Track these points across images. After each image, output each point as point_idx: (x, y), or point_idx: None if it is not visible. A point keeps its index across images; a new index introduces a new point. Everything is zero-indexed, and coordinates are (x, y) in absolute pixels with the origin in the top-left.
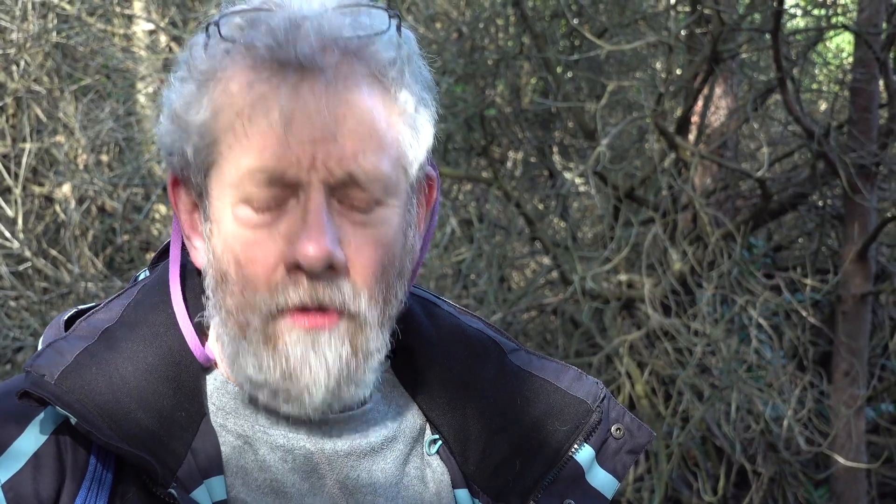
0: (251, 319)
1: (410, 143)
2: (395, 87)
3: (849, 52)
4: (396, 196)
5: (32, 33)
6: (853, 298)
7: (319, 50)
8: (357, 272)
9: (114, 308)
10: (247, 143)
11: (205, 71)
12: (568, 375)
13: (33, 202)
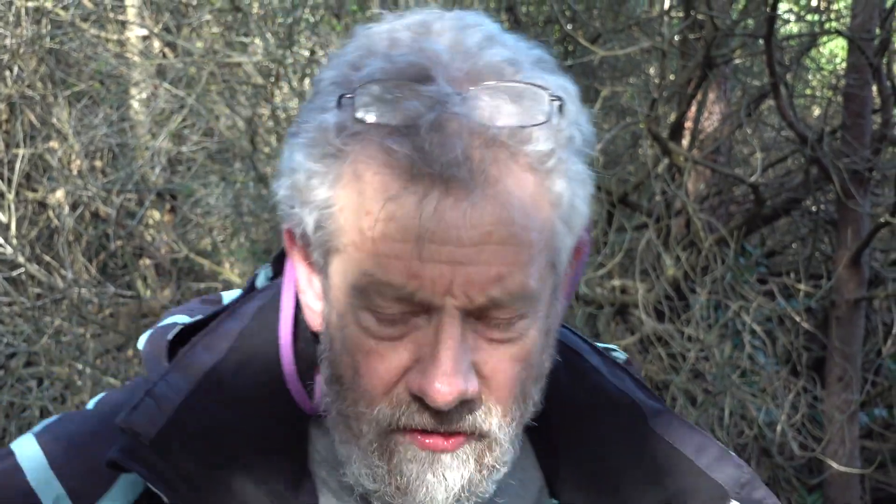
0: (365, 431)
1: (563, 236)
2: (551, 178)
3: (842, 58)
4: (541, 302)
5: (26, 39)
6: (846, 304)
7: (464, 155)
8: (492, 393)
9: (224, 334)
10: (373, 249)
11: (333, 143)
12: (710, 453)
13: (27, 207)
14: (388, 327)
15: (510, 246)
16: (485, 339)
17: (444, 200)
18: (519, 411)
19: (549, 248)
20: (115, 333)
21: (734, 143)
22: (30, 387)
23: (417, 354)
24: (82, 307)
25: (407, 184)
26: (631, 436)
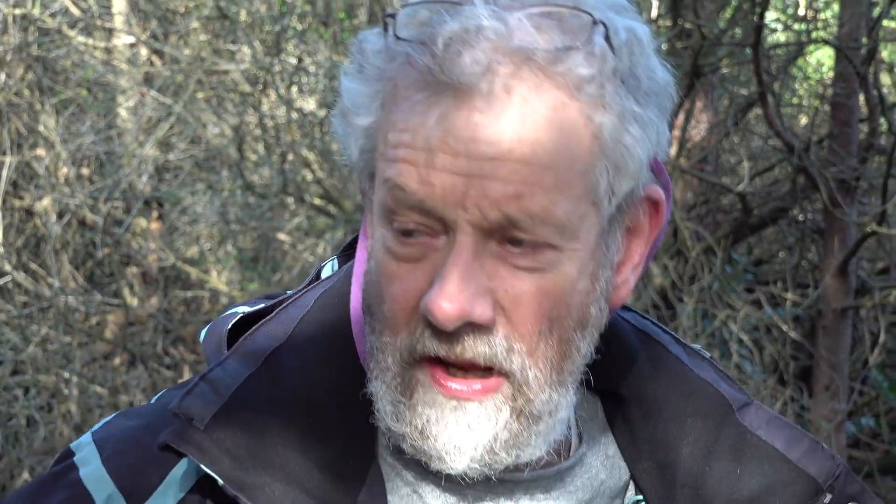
0: (390, 363)
1: (604, 173)
2: (591, 107)
3: (829, 67)
4: (578, 239)
5: (13, 46)
6: (833, 313)
7: (487, 69)
8: (513, 325)
9: (286, 320)
10: (393, 156)
11: (376, 70)
12: (801, 446)
13: (13, 215)
14: (408, 247)
15: (533, 166)
16: (507, 265)
17: (457, 111)
18: (552, 352)
19: (585, 181)
20: (102, 342)
21: (721, 151)
22: (16, 395)
23: (432, 276)
24: (69, 315)
25: (422, 92)
26: (717, 427)
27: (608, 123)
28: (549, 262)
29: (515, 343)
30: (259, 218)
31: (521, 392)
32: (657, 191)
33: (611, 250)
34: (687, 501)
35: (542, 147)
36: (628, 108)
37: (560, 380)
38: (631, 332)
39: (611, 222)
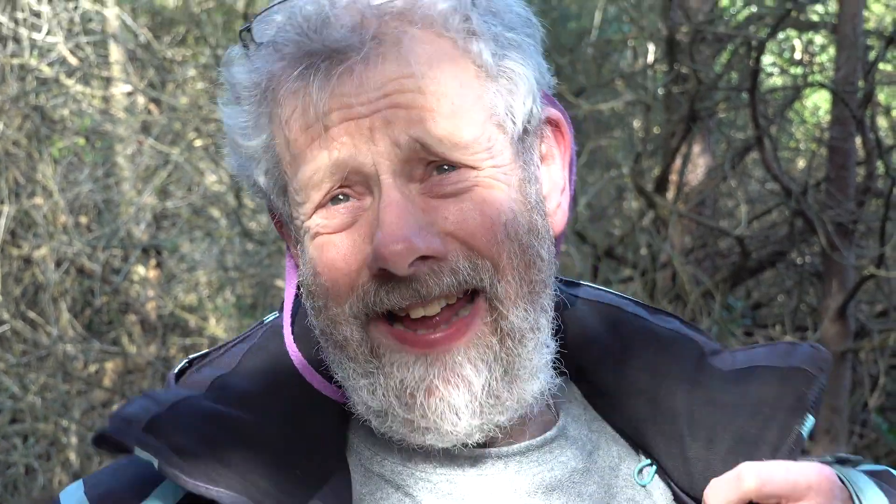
0: (346, 332)
1: (499, 95)
2: (463, 38)
3: (826, 111)
4: (494, 156)
5: (10, 96)
6: (833, 356)
7: (353, 29)
8: (469, 245)
9: (233, 353)
10: (297, 148)
11: (250, 86)
12: (778, 351)
13: (11, 264)
14: (337, 216)
15: (425, 95)
16: (436, 198)
17: (334, 70)
18: (515, 260)
19: (483, 107)
20: (100, 390)
21: (719, 195)
22: (15, 444)
23: (369, 234)
24: (68, 363)
25: (299, 68)
26: (693, 369)
27: (486, 49)
28: (475, 181)
29: (478, 260)
30: (257, 265)
31: (497, 309)
32: (555, 112)
33: (530, 168)
34: (696, 448)
35: (429, 79)
36: (500, 34)
37: (532, 291)
38: (584, 307)
39: (521, 141)
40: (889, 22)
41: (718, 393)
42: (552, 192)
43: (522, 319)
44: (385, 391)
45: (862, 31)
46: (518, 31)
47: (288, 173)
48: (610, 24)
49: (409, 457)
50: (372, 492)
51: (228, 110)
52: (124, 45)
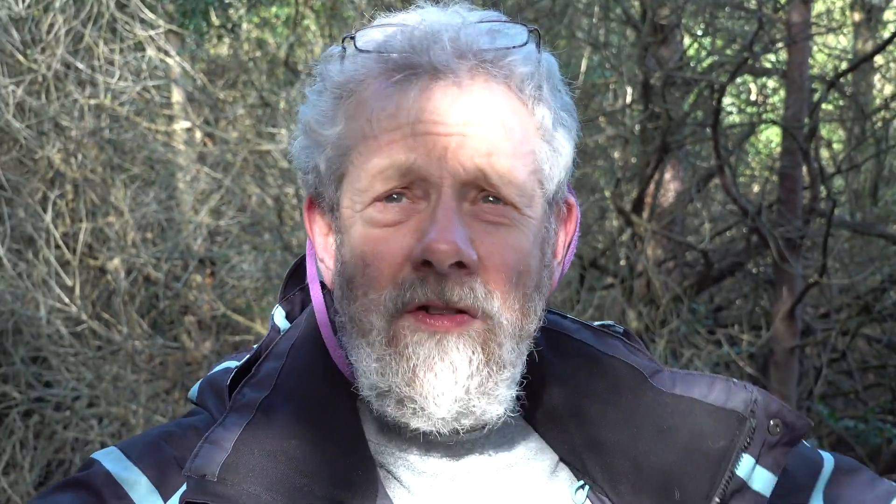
0: (374, 321)
1: (547, 158)
2: (533, 101)
3: (777, 143)
4: (531, 206)
5: (88, 131)
6: (783, 351)
7: (454, 57)
8: (490, 273)
9: (268, 373)
10: (375, 144)
11: (340, 83)
12: (716, 388)
13: (89, 273)
14: (390, 212)
15: (497, 131)
16: (480, 222)
17: (433, 85)
18: (518, 304)
19: (535, 161)
20: (163, 379)
21: (686, 215)
22: (91, 425)
23: (420, 232)
24: (136, 357)
25: (398, 76)
26: (634, 396)
27: (547, 116)
28: (513, 220)
29: (493, 290)
30: None
31: (494, 335)
32: (573, 199)
33: (550, 232)
34: (627, 468)
35: (501, 122)
36: (557, 111)
37: (521, 335)
38: (537, 332)
39: (549, 206)
40: (830, 69)
41: (657, 418)
42: (555, 257)
43: (508, 353)
44: (395, 372)
45: (808, 77)
46: (568, 115)
47: (355, 163)
48: (594, 70)
49: (390, 440)
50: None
51: (313, 98)
52: (184, 88)
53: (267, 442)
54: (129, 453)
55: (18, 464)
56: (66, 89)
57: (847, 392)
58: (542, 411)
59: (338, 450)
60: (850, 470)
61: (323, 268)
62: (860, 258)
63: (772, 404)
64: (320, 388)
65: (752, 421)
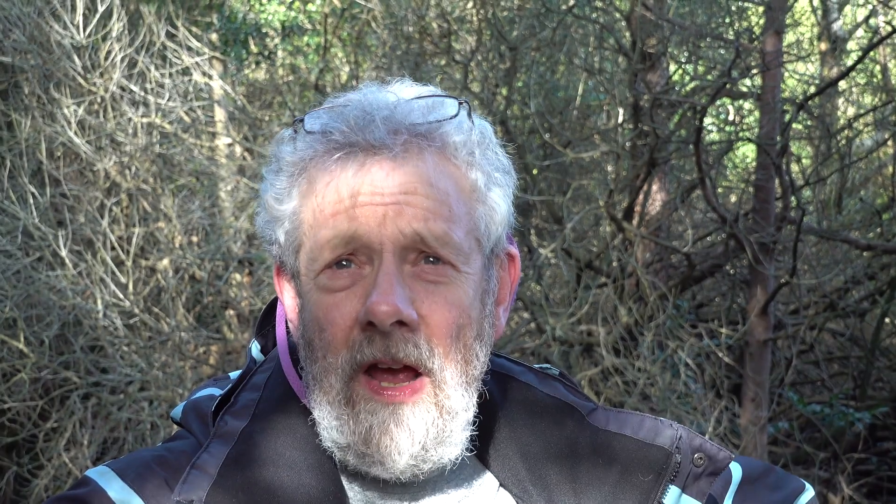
0: (333, 382)
1: (483, 217)
2: (466, 166)
3: (752, 158)
4: (469, 263)
5: (141, 146)
6: (757, 343)
7: (388, 133)
8: (431, 330)
9: (246, 403)
10: (322, 217)
11: (291, 163)
12: (645, 426)
13: (140, 272)
14: (340, 279)
15: (432, 200)
16: (421, 281)
17: (371, 162)
18: (461, 355)
19: (470, 220)
20: (206, 366)
21: (671, 222)
22: (143, 406)
23: (364, 296)
24: (182, 346)
25: (338, 154)
26: (572, 433)
27: (481, 179)
28: (452, 279)
29: (435, 347)
30: None
31: (441, 389)
32: (513, 249)
33: (491, 283)
34: (567, 498)
35: (435, 188)
36: (491, 173)
37: (467, 381)
38: (486, 375)
39: (489, 260)
40: (800, 92)
41: (594, 453)
42: (499, 307)
43: (457, 401)
44: (352, 432)
45: (780, 99)
46: (502, 175)
47: (307, 235)
48: (589, 93)
49: (353, 479)
50: None
51: (270, 178)
52: (225, 108)
53: (248, 469)
54: (123, 475)
55: (78, 441)
56: (122, 109)
57: (814, 380)
58: (491, 449)
59: (311, 479)
60: (756, 477)
61: (292, 328)
62: (826, 261)
63: (695, 439)
64: (294, 424)
65: (677, 455)
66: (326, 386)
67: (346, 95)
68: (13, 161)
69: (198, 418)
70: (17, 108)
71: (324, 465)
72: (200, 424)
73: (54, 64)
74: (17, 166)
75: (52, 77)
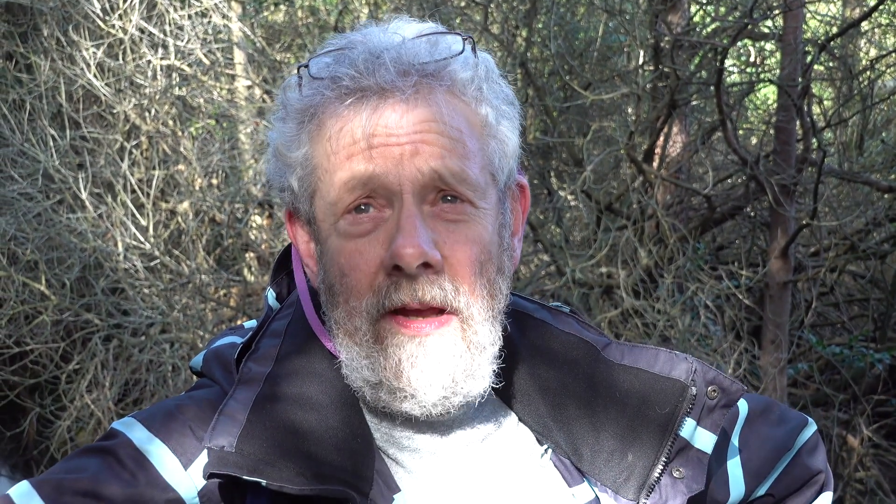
0: (358, 324)
1: (495, 151)
2: (475, 102)
3: (773, 100)
4: (486, 199)
5: (160, 88)
6: (777, 285)
7: (398, 75)
8: (456, 269)
9: (268, 348)
10: (337, 160)
11: (300, 109)
12: (660, 359)
13: (161, 214)
14: (360, 224)
15: (446, 138)
16: (441, 221)
17: (383, 105)
18: (486, 290)
19: (484, 156)
20: (227, 308)
21: (692, 164)
22: (164, 348)
23: (388, 241)
24: (203, 289)
25: (350, 99)
26: (589, 368)
27: (490, 113)
28: (471, 216)
29: (460, 286)
30: None
31: (469, 325)
32: (523, 179)
33: (506, 216)
34: (585, 433)
35: (450, 127)
36: (499, 106)
37: (493, 316)
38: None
39: (503, 193)
40: (821, 33)
41: (610, 387)
42: (514, 237)
43: (484, 336)
44: (383, 367)
45: (801, 41)
46: (508, 107)
47: (323, 179)
48: (610, 34)
49: (381, 420)
50: (391, 461)
51: (278, 125)
52: (245, 51)
53: (275, 413)
54: (147, 423)
55: (100, 383)
56: (141, 51)
57: (834, 322)
58: (512, 387)
59: (338, 421)
60: (761, 412)
61: (309, 271)
62: (847, 203)
63: (709, 372)
64: (318, 368)
65: (693, 388)
66: (351, 328)
67: (348, 37)
68: (33, 104)
69: (220, 366)
70: (37, 50)
71: (350, 406)
72: (224, 372)
73: (73, 6)
74: (37, 109)
75: (71, 19)
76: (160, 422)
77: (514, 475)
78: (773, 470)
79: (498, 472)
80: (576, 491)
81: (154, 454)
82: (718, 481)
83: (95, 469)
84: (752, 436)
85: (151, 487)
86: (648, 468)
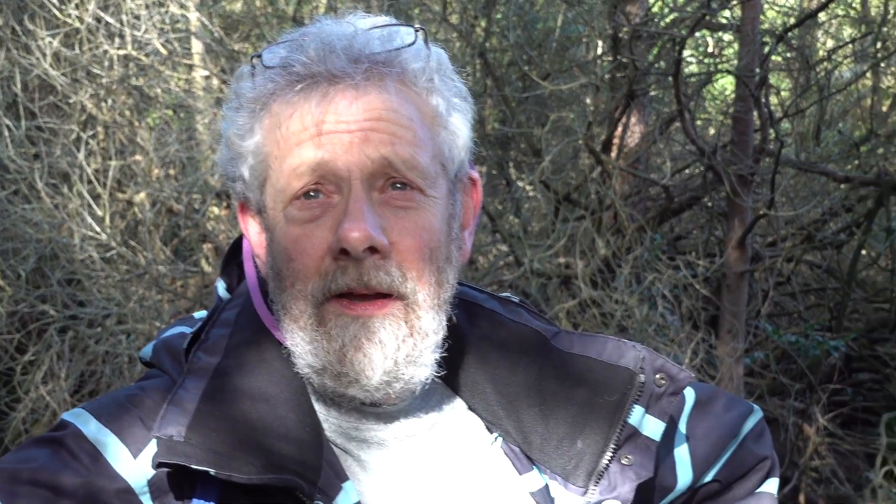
0: (303, 308)
1: (446, 142)
2: (426, 92)
3: (731, 90)
4: (436, 187)
5: (116, 78)
6: (734, 275)
7: (349, 62)
8: (403, 255)
9: (217, 339)
10: (286, 147)
11: (252, 99)
12: (608, 347)
13: (118, 205)
14: (309, 209)
15: (396, 125)
16: (390, 207)
17: (333, 91)
18: (433, 278)
19: (435, 146)
20: (184, 299)
21: (650, 154)
22: (120, 339)
23: (335, 225)
24: (160, 280)
25: (300, 85)
26: (538, 357)
27: (441, 104)
28: (420, 203)
29: (407, 271)
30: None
31: (413, 311)
32: (475, 174)
33: (456, 207)
34: (534, 421)
35: (400, 115)
36: (450, 98)
37: (438, 304)
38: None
39: (454, 184)
40: (779, 24)
41: (559, 376)
42: (464, 231)
43: (428, 323)
44: (326, 351)
45: (759, 31)
46: (460, 100)
47: (273, 167)
48: (569, 25)
49: (328, 409)
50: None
51: (231, 115)
52: (203, 40)
53: (224, 404)
54: (98, 415)
55: (56, 374)
56: (97, 41)
57: (791, 312)
58: (460, 375)
59: (287, 411)
60: (708, 400)
61: (259, 262)
62: (804, 193)
63: (657, 360)
64: (267, 357)
65: (641, 376)
66: (296, 312)
67: (302, 29)
68: None
69: (169, 356)
70: None
71: (299, 396)
72: (173, 362)
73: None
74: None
75: (27, 8)
76: (110, 412)
77: (463, 463)
78: (720, 457)
79: (447, 459)
80: (526, 478)
81: (104, 444)
82: (666, 468)
83: (47, 459)
84: (699, 423)
85: (102, 477)
86: (597, 455)
